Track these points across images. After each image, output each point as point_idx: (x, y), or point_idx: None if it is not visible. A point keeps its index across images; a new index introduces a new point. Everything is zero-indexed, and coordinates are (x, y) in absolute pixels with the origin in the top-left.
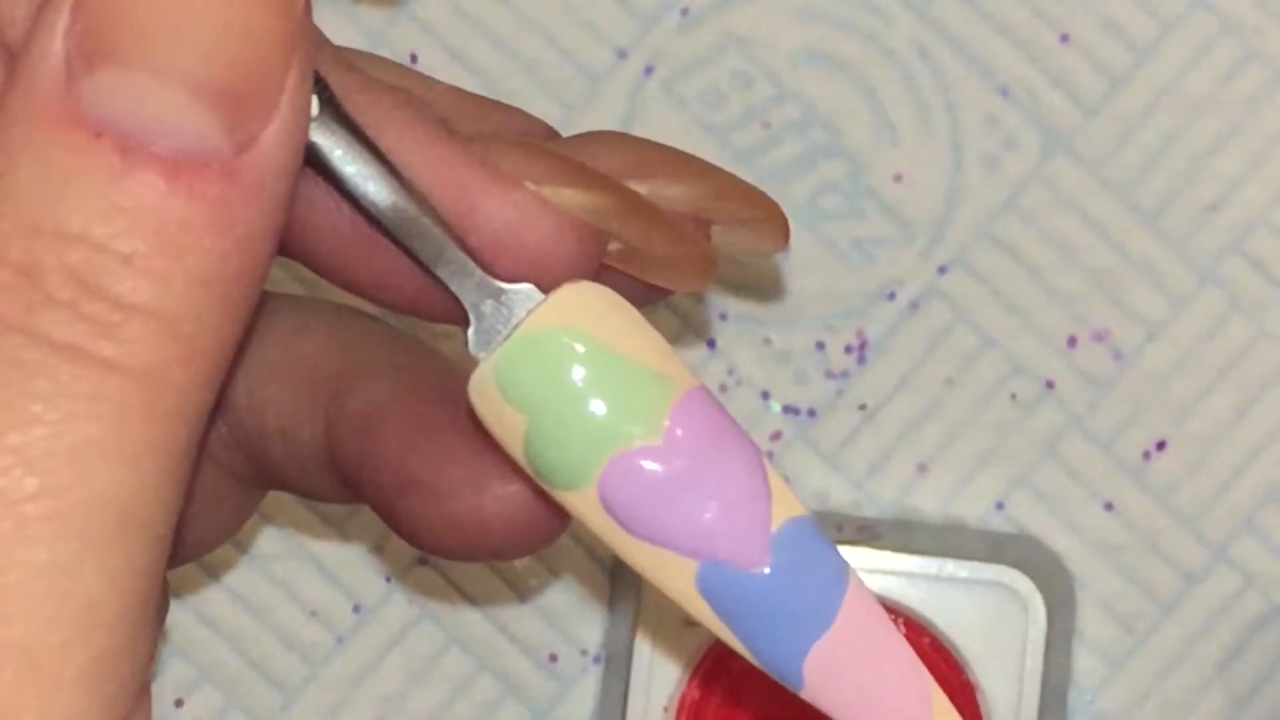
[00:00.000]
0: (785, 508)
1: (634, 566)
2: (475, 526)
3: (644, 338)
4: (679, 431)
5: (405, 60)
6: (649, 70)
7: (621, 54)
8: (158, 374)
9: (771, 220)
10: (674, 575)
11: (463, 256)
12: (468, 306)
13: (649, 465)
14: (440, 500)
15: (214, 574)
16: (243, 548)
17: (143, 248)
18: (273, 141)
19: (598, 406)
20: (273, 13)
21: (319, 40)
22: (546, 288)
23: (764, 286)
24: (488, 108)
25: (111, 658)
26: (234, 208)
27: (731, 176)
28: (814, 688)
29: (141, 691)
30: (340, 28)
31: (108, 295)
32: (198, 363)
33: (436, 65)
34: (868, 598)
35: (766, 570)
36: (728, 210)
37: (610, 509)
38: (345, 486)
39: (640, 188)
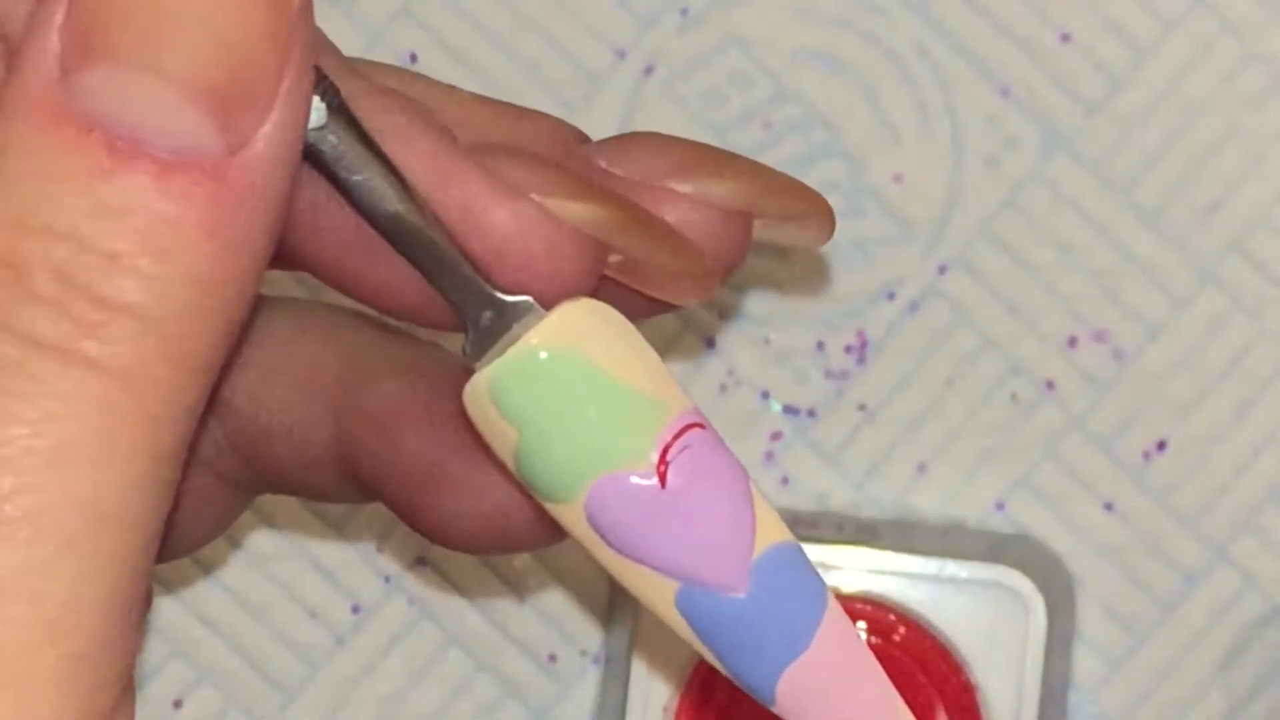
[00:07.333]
0: (769, 533)
1: (616, 578)
2: (503, 519)
3: (639, 360)
4: (667, 457)
5: (405, 60)
6: (649, 70)
7: (621, 54)
8: (142, 375)
9: (817, 214)
10: (654, 592)
11: (464, 265)
12: (466, 315)
13: (635, 488)
14: (468, 494)
15: (213, 574)
16: (241, 548)
17: (129, 247)
18: (266, 143)
19: (587, 429)
20: (267, 13)
21: (324, 45)
22: (547, 298)
23: (764, 286)
24: (513, 114)
25: (89, 658)
26: (224, 208)
27: (775, 172)
28: (786, 707)
29: (124, 692)
30: (340, 28)
31: (92, 294)
32: (184, 364)
33: (436, 65)
34: (845, 624)
35: (745, 595)
36: (775, 205)
37: (595, 525)
38: (355, 485)
39: (684, 187)
